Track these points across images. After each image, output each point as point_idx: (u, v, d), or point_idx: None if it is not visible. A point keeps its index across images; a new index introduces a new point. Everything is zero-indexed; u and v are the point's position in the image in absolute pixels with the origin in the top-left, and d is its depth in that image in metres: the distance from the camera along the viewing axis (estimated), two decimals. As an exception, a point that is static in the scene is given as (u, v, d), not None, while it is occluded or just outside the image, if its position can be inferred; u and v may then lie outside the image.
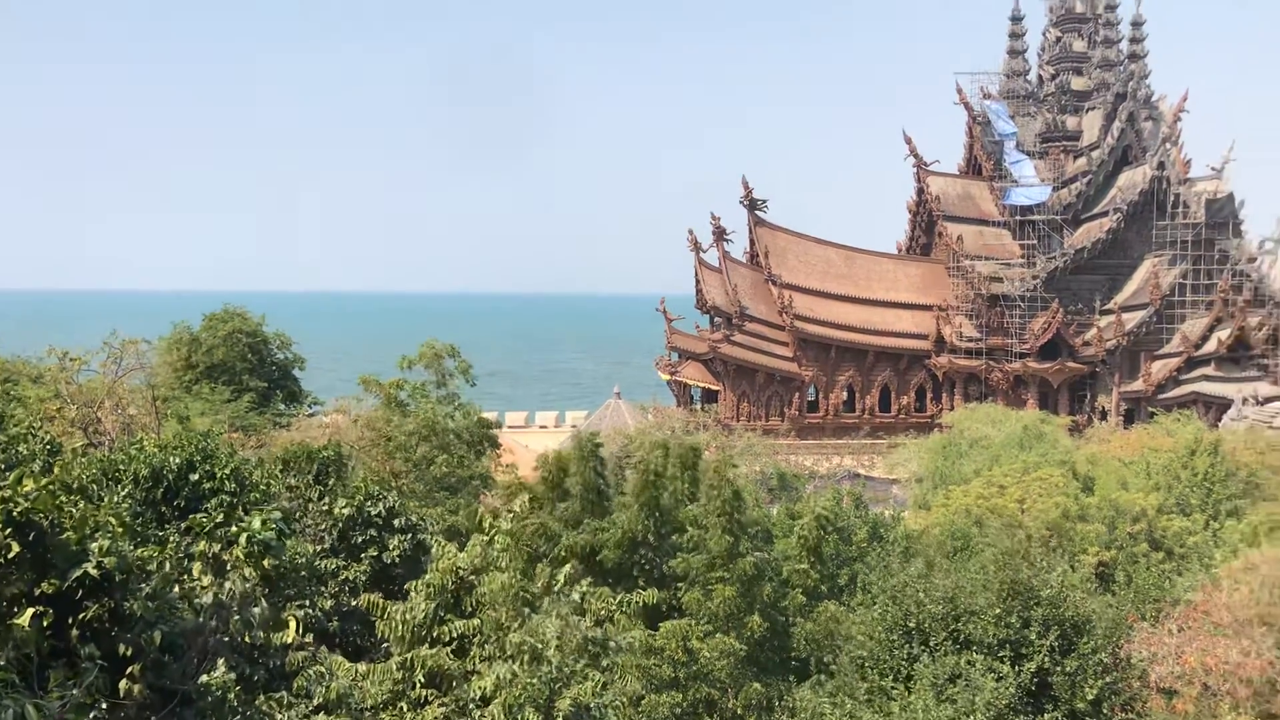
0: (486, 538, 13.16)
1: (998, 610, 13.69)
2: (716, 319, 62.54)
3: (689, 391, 61.55)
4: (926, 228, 67.84)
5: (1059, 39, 67.57)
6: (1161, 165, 59.49)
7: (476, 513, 15.41)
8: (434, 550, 13.24)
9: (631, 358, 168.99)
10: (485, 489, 28.38)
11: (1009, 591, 13.83)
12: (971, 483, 30.06)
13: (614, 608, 13.62)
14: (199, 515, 10.56)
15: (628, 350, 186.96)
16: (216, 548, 9.83)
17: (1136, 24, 66.02)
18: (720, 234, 62.01)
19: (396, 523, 15.04)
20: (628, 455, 38.00)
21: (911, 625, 14.17)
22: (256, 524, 9.61)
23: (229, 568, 9.66)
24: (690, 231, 62.02)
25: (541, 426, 67.53)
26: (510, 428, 63.45)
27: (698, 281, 62.38)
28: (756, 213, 63.14)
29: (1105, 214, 60.84)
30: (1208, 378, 55.58)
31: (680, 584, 17.05)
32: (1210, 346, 56.15)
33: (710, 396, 60.73)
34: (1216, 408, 52.79)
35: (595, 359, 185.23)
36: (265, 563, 9.49)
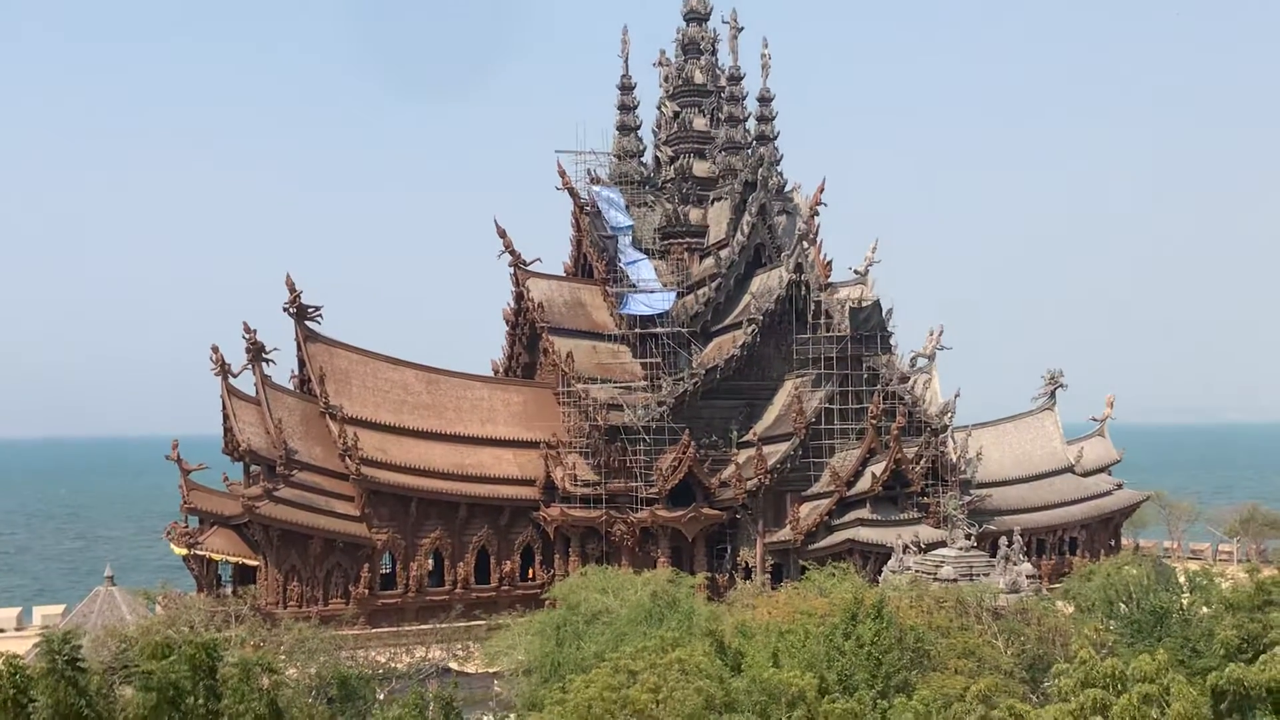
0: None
1: None
2: (254, 468, 60.65)
3: (216, 570, 59.20)
4: (529, 343, 70.13)
5: (677, 114, 73.18)
6: (799, 268, 65.25)
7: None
8: None
9: (131, 526, 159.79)
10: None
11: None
12: (594, 671, 30.61)
13: None
14: None
15: (127, 515, 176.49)
16: None
17: (764, 100, 72.81)
18: (258, 352, 60.61)
19: None
20: (126, 665, 35.90)
21: None
22: None
23: None
24: (215, 349, 60.12)
25: (-1, 630, 63.70)
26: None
27: (227, 418, 60.33)
28: (308, 324, 62.43)
29: (739, 325, 65.83)
30: (863, 522, 60.94)
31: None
32: (864, 484, 61.76)
33: (247, 575, 58.60)
34: (875, 557, 57.77)
35: (77, 529, 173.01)
36: None
